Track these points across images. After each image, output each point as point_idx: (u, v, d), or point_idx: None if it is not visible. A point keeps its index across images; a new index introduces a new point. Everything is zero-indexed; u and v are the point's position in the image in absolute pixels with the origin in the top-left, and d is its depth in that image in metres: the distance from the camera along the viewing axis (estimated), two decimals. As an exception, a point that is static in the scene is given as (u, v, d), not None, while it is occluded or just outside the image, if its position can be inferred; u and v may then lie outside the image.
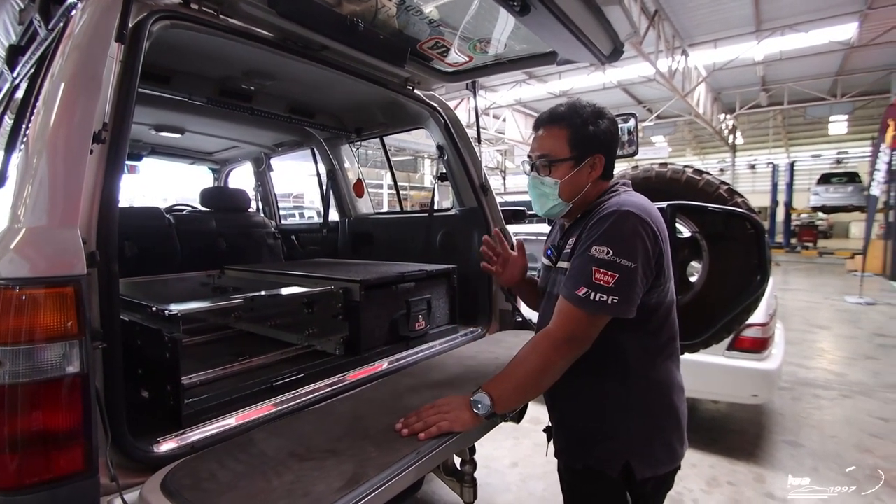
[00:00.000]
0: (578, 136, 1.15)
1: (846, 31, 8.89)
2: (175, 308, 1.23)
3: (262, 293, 1.59)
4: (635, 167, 1.80)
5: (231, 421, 1.18)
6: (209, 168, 3.77)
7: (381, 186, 19.33)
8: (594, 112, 1.17)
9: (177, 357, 1.16)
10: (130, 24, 1.07)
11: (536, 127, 1.23)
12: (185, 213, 3.00)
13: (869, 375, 4.35)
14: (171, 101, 2.02)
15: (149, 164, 3.40)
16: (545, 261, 1.32)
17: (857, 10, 8.27)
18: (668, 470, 1.16)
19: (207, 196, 3.05)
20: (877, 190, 8.68)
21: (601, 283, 1.02)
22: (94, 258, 0.92)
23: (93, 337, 0.90)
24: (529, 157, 1.24)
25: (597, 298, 1.02)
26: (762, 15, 8.66)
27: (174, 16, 1.22)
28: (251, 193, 3.45)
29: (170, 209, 3.03)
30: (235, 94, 2.18)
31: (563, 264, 1.17)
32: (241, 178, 3.94)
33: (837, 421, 3.41)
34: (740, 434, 3.23)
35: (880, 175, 8.62)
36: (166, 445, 1.06)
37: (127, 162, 3.35)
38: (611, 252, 1.02)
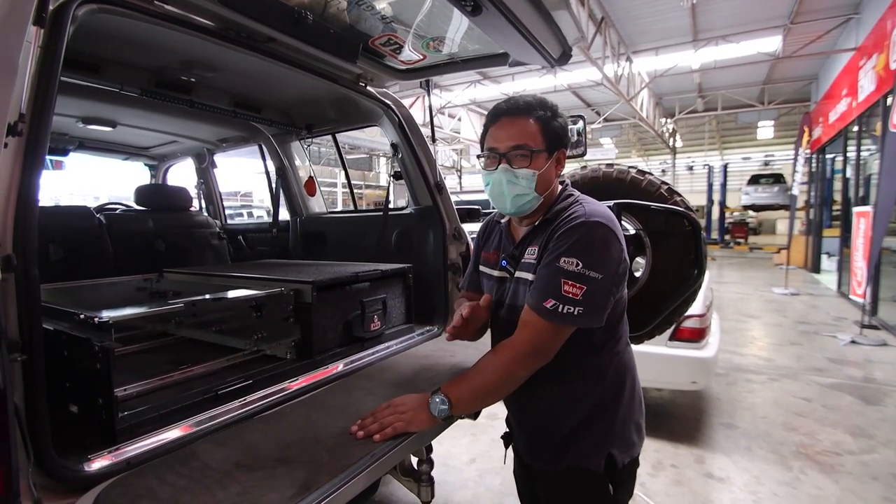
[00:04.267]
0: (549, 129, 1.12)
1: (772, 43, 9.65)
2: (106, 315, 1.14)
3: (206, 297, 1.51)
4: (584, 167, 1.86)
5: (171, 433, 1.11)
6: (145, 164, 3.54)
7: (335, 185, 18.94)
8: (551, 107, 1.15)
9: (108, 368, 1.08)
10: (51, 7, 0.98)
11: (497, 117, 1.14)
12: (117, 212, 2.80)
13: (794, 360, 4.75)
14: (100, 92, 1.87)
15: (80, 161, 3.15)
16: (494, 272, 1.25)
17: (781, 25, 8.99)
18: (640, 449, 1.21)
19: (143, 194, 2.85)
20: (796, 190, 9.47)
21: (569, 295, 1.01)
22: (9, 262, 0.84)
23: (10, 349, 0.82)
24: (494, 149, 1.13)
25: (564, 310, 1.01)
26: (699, 26, 9.24)
27: (102, 0, 1.13)
28: (193, 192, 3.27)
29: (101, 208, 2.82)
30: (173, 85, 2.05)
31: (523, 274, 1.14)
32: (182, 175, 3.73)
33: (767, 403, 3.70)
34: (682, 419, 3.43)
35: (799, 176, 9.42)
36: (98, 463, 0.98)
37: (50, 157, 3.10)
38: (580, 264, 1.01)
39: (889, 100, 5.41)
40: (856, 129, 7.75)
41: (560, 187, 1.20)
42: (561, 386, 1.14)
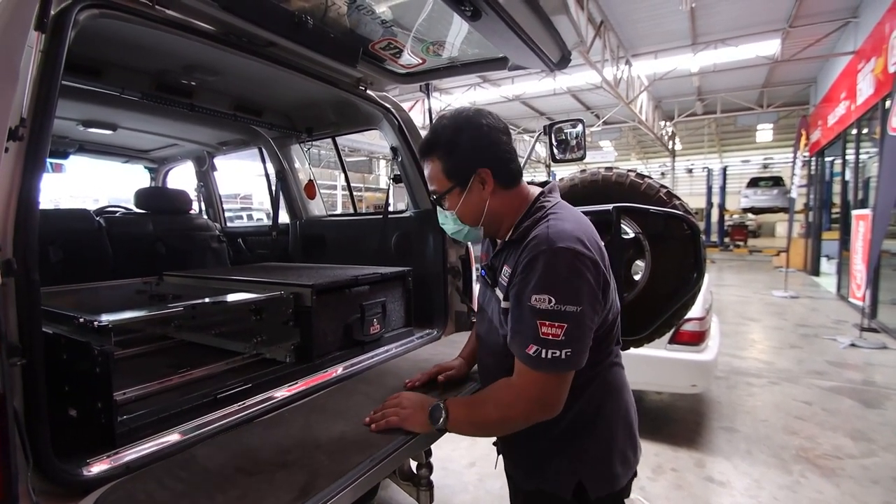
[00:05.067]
0: (450, 163, 1.06)
1: (770, 46, 9.68)
2: (106, 318, 1.14)
3: (206, 300, 1.51)
4: (583, 171, 1.86)
5: (171, 437, 1.11)
6: (145, 167, 3.54)
7: (334, 188, 18.95)
8: (453, 129, 1.06)
9: (108, 371, 1.08)
10: (53, 12, 0.98)
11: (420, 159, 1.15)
12: (117, 215, 2.80)
13: (794, 363, 4.75)
14: (101, 96, 1.87)
15: (80, 163, 3.15)
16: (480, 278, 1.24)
17: (780, 28, 9.02)
18: (625, 481, 1.11)
19: (143, 197, 2.85)
20: (794, 193, 9.49)
21: (550, 337, 0.91)
22: (9, 266, 0.84)
23: (10, 353, 0.82)
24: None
25: (549, 356, 0.92)
26: (698, 29, 9.27)
27: (103, 4, 1.13)
28: (193, 194, 3.27)
29: (100, 211, 2.82)
30: (174, 89, 2.05)
31: (498, 293, 1.08)
32: (182, 178, 3.74)
33: (767, 406, 3.70)
34: (682, 422, 3.43)
35: (797, 179, 9.44)
36: (98, 467, 0.98)
37: (51, 160, 3.10)
38: (553, 300, 0.91)
39: (888, 103, 5.42)
40: (854, 132, 7.77)
41: (532, 199, 1.10)
42: None
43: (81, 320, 1.17)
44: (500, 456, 1.30)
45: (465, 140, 1.05)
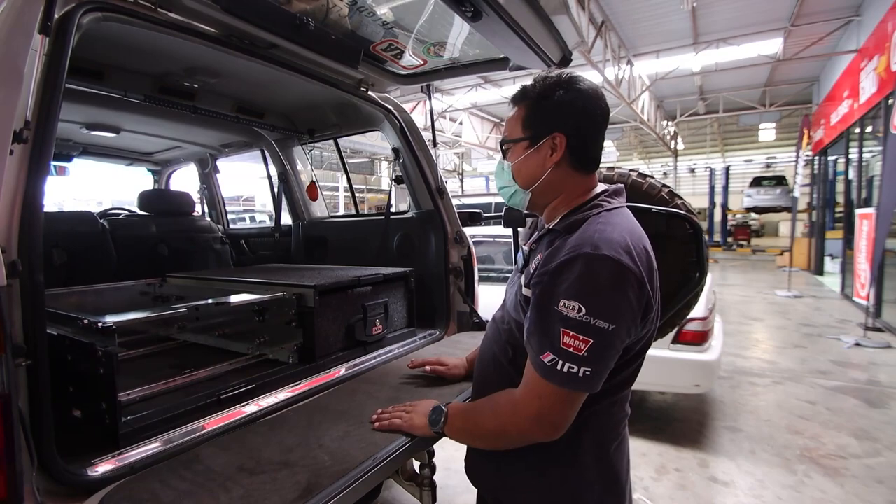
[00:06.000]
0: (533, 114, 0.97)
1: (773, 45, 9.65)
2: (110, 320, 1.15)
3: (209, 301, 1.52)
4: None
5: (174, 438, 1.12)
6: (148, 170, 3.56)
7: (336, 189, 18.99)
8: (554, 83, 0.96)
9: (112, 372, 1.09)
10: (56, 15, 0.99)
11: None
12: (121, 217, 2.82)
13: (797, 362, 4.73)
14: (104, 98, 1.89)
15: (84, 166, 3.17)
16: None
17: (782, 27, 9.00)
18: None
19: (146, 199, 2.87)
20: (797, 192, 9.46)
21: (571, 349, 0.81)
22: (15, 268, 0.85)
23: (15, 354, 0.83)
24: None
25: (565, 369, 0.82)
26: (699, 29, 9.25)
27: (106, 8, 1.14)
28: (196, 196, 3.28)
29: (104, 213, 2.84)
30: (177, 91, 2.07)
31: (522, 278, 0.98)
32: (185, 180, 3.75)
33: (771, 406, 3.68)
34: (685, 422, 3.41)
35: (799, 178, 9.41)
36: (102, 467, 0.99)
37: (54, 163, 3.12)
38: (583, 310, 0.80)
39: (891, 101, 5.40)
40: (858, 130, 7.74)
41: (595, 192, 0.99)
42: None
43: (86, 321, 1.17)
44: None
45: (558, 98, 0.95)
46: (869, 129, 7.55)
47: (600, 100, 0.97)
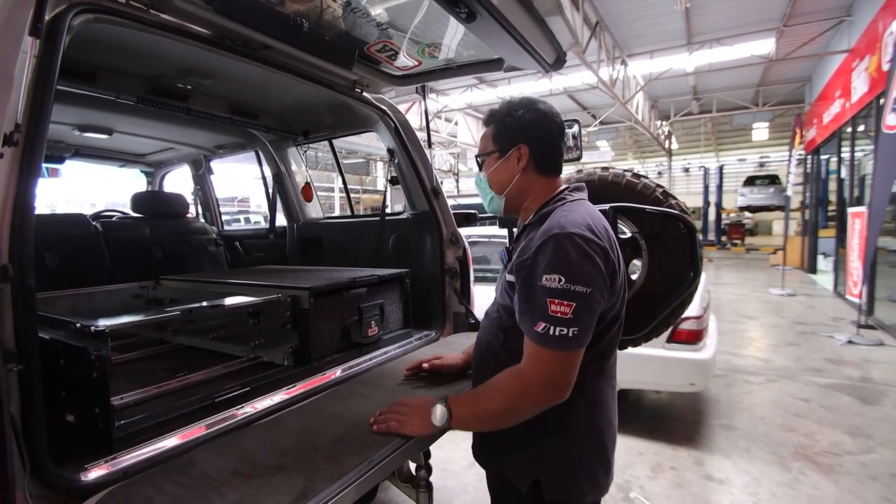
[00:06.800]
0: (500, 130, 1.17)
1: (765, 45, 9.71)
2: (103, 323, 1.14)
3: (202, 304, 1.51)
4: (580, 171, 1.87)
5: (168, 442, 1.11)
6: (142, 171, 3.53)
7: (332, 190, 18.94)
8: (516, 105, 1.16)
9: (105, 376, 1.08)
10: (47, 17, 0.98)
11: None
12: (114, 219, 2.80)
13: (791, 360, 4.76)
14: (97, 100, 1.87)
15: (76, 168, 3.15)
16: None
17: (774, 27, 9.06)
18: (591, 501, 1.10)
19: (140, 201, 2.85)
20: (790, 191, 9.53)
21: (558, 314, 0.94)
22: (6, 272, 0.84)
23: (6, 358, 0.82)
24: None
25: (557, 332, 0.94)
26: (693, 29, 9.30)
27: (98, 9, 1.13)
28: (189, 198, 3.27)
29: (97, 216, 2.81)
30: (170, 93, 2.05)
31: (508, 276, 1.12)
32: (179, 181, 3.73)
33: (765, 404, 3.71)
34: (681, 421, 3.43)
35: (792, 177, 9.48)
36: (95, 472, 0.98)
37: (46, 165, 3.08)
38: (563, 280, 0.94)
39: (882, 101, 5.45)
40: (850, 129, 7.81)
41: (557, 190, 1.15)
42: None
43: (78, 325, 1.16)
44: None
45: (518, 115, 1.15)
46: (861, 128, 7.61)
47: (556, 116, 1.17)
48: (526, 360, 1.01)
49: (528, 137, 1.14)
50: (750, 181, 17.87)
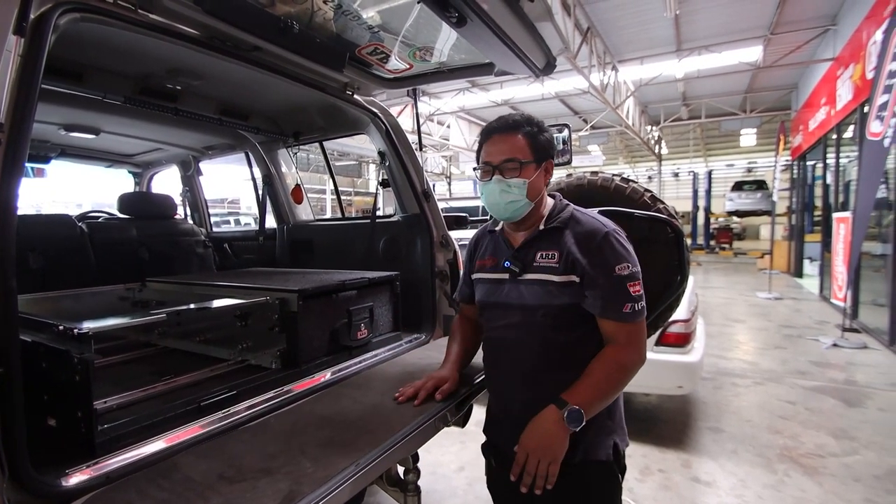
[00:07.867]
0: (536, 143, 1.25)
1: (753, 53, 9.87)
2: (86, 326, 1.12)
3: (189, 307, 1.49)
4: (569, 175, 1.88)
5: (153, 446, 1.09)
6: (129, 172, 3.49)
7: (323, 192, 18.86)
8: (541, 124, 1.29)
9: (88, 380, 1.06)
10: (32, 16, 0.97)
11: (489, 134, 1.28)
12: (100, 220, 2.76)
13: (778, 363, 4.82)
14: (83, 100, 1.85)
15: (62, 168, 3.10)
16: (492, 275, 1.31)
17: (762, 35, 9.22)
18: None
19: (127, 202, 2.81)
20: (776, 196, 9.68)
21: (637, 293, 1.17)
22: (-15, 273, 0.83)
23: (-16, 362, 0.80)
24: (488, 162, 1.26)
25: (639, 307, 1.17)
26: (682, 36, 9.43)
27: (85, 8, 1.12)
28: (178, 199, 3.23)
29: (83, 216, 2.78)
30: (158, 93, 2.03)
31: (540, 276, 1.21)
32: (167, 182, 3.69)
33: (752, 406, 3.75)
34: (669, 423, 3.46)
35: (778, 182, 9.63)
36: (77, 477, 0.96)
37: (31, 164, 3.03)
38: (629, 265, 1.17)
39: (866, 108, 5.56)
40: (835, 136, 7.95)
41: (557, 198, 1.32)
42: (572, 376, 1.17)
43: (61, 328, 1.14)
44: (491, 460, 1.38)
45: (547, 135, 1.29)
46: (846, 135, 7.76)
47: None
48: (626, 341, 1.19)
49: (551, 155, 1.30)
50: (738, 186, 18.12)
